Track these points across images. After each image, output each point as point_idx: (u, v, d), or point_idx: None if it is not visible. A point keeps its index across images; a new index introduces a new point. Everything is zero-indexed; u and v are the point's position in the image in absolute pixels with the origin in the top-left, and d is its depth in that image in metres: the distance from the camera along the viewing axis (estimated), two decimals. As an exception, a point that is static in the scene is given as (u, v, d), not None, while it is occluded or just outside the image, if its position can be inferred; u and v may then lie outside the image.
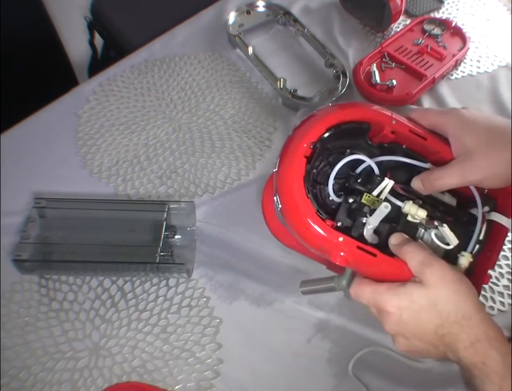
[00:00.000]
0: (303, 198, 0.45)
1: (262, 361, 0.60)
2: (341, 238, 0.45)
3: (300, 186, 0.45)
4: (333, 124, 0.47)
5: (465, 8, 0.99)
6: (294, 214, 0.46)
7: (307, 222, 0.45)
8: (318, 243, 0.46)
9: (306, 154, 0.46)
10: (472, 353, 0.43)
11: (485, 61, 0.90)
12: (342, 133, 0.49)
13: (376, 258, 0.45)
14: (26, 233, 0.65)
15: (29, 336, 0.61)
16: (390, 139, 0.50)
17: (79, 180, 0.74)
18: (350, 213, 0.48)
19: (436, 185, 0.48)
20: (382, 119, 0.49)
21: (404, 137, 0.50)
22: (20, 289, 0.64)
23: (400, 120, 0.50)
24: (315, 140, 0.47)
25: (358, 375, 0.59)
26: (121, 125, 0.80)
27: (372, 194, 0.47)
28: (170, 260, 0.64)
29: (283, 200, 0.46)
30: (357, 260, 0.46)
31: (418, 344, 0.46)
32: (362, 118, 0.49)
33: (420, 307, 0.44)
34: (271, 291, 0.65)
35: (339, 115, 0.48)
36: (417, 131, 0.50)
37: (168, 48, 0.92)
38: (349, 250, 0.45)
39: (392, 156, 0.50)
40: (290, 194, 0.46)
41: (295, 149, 0.47)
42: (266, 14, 0.96)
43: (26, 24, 1.26)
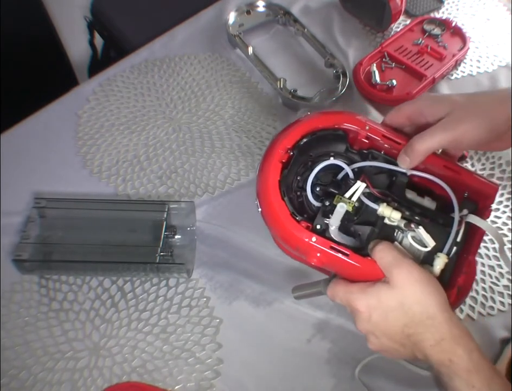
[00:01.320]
0: (278, 200, 0.48)
1: (262, 361, 0.60)
2: (314, 238, 0.47)
3: (275, 189, 0.48)
4: (308, 131, 0.50)
5: (465, 8, 0.99)
6: (271, 216, 0.49)
7: (282, 224, 0.47)
8: (295, 244, 0.48)
9: (282, 159, 0.49)
10: (438, 351, 0.43)
11: (485, 61, 0.90)
12: (321, 140, 0.51)
13: (348, 258, 0.47)
14: (26, 233, 0.65)
15: (29, 336, 0.61)
16: (367, 146, 0.51)
17: (79, 180, 0.74)
18: (325, 215, 0.49)
19: (420, 150, 0.47)
20: (356, 126, 0.50)
21: (379, 143, 0.51)
22: (20, 289, 0.64)
23: (373, 126, 0.51)
24: (290, 147, 0.49)
25: (360, 377, 0.59)
26: (121, 125, 0.80)
27: (344, 196, 0.48)
28: (170, 260, 0.64)
29: (262, 203, 0.49)
30: (331, 261, 0.47)
31: (388, 343, 0.46)
32: (335, 125, 0.50)
33: (387, 306, 0.45)
34: (271, 291, 0.65)
35: (313, 122, 0.51)
36: (389, 136, 0.51)
37: (168, 48, 0.92)
38: (323, 250, 0.46)
39: (368, 162, 0.51)
40: (267, 197, 0.48)
41: (271, 155, 0.49)
42: (266, 14, 0.96)
43: (26, 24, 1.26)
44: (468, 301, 0.64)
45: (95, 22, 1.22)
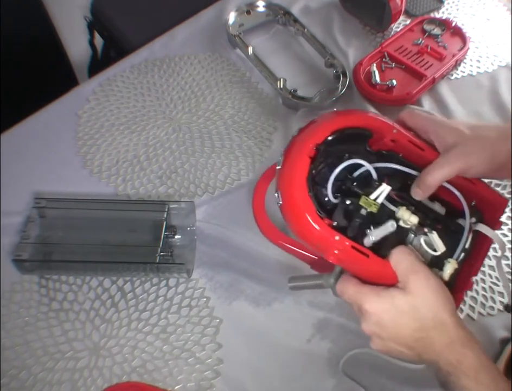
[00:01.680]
0: (305, 196, 0.47)
1: (262, 361, 0.60)
2: (337, 237, 0.47)
3: (303, 184, 0.47)
4: (339, 128, 0.49)
5: (465, 8, 0.99)
6: (294, 211, 0.48)
7: (306, 220, 0.46)
8: (315, 240, 0.48)
9: (311, 154, 0.48)
10: (447, 352, 0.45)
11: (485, 61, 0.90)
12: (344, 138, 0.50)
13: (368, 259, 0.47)
14: (26, 233, 0.65)
15: (29, 336, 0.61)
16: (389, 147, 0.52)
17: (79, 180, 0.74)
18: (346, 214, 0.49)
19: (429, 181, 0.49)
20: (384, 128, 0.51)
21: (402, 146, 0.52)
22: (20, 289, 0.64)
23: (400, 130, 0.51)
24: (320, 142, 0.48)
25: (357, 375, 0.59)
26: (121, 125, 0.80)
27: (370, 198, 0.48)
28: (170, 260, 0.64)
29: (285, 196, 0.48)
30: (349, 259, 0.47)
31: (393, 345, 0.48)
32: (366, 125, 0.51)
33: (399, 311, 0.46)
34: (271, 291, 0.65)
35: (345, 120, 0.50)
36: (415, 142, 0.51)
37: (168, 48, 0.92)
38: (344, 249, 0.47)
39: (389, 163, 0.51)
40: (292, 191, 0.47)
41: (301, 149, 0.48)
42: (266, 14, 0.96)
43: (26, 24, 1.26)
44: (468, 301, 0.64)
45: (95, 22, 1.22)
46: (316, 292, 0.64)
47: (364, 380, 0.59)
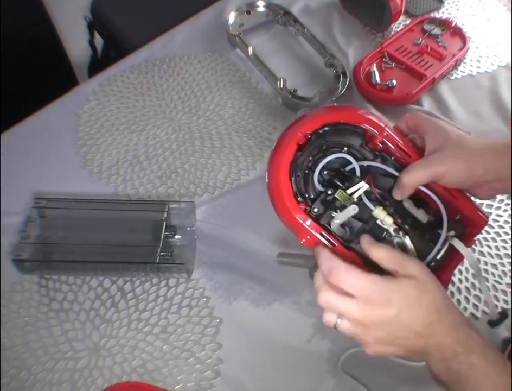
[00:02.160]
0: (285, 180, 0.50)
1: (262, 361, 0.60)
2: (308, 221, 0.50)
3: (286, 168, 0.51)
4: (329, 122, 0.52)
5: (465, 8, 0.99)
6: (275, 192, 0.51)
7: (284, 202, 0.50)
8: (289, 222, 0.51)
9: (299, 142, 0.51)
10: (455, 335, 0.45)
11: (485, 61, 0.90)
12: (340, 131, 0.53)
13: (334, 248, 0.49)
14: (26, 233, 0.65)
15: (29, 336, 0.61)
16: (380, 149, 0.53)
17: (79, 180, 0.74)
18: (325, 203, 0.51)
19: (405, 181, 0.50)
20: (376, 128, 0.52)
21: (392, 150, 0.53)
22: (20, 289, 0.64)
23: (390, 134, 0.53)
24: (310, 132, 0.52)
25: (357, 374, 0.59)
26: (121, 125, 0.81)
27: (346, 192, 0.50)
28: (170, 260, 0.64)
29: (270, 176, 0.52)
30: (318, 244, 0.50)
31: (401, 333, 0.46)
32: (357, 122, 0.53)
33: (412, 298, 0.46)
34: (271, 291, 0.65)
35: (337, 115, 0.53)
36: (403, 148, 0.53)
37: (168, 48, 0.92)
38: (313, 234, 0.50)
39: (376, 163, 0.53)
40: (275, 173, 0.51)
41: (290, 135, 0.52)
42: (266, 14, 0.96)
43: (26, 24, 1.26)
44: (472, 299, 0.64)
45: (95, 22, 1.22)
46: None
47: (364, 378, 0.59)
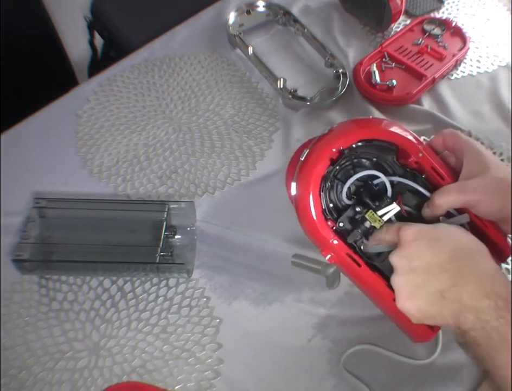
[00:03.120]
0: (315, 195, 0.49)
1: (262, 361, 0.60)
2: (335, 241, 0.49)
3: (317, 184, 0.49)
4: (365, 138, 0.50)
5: (465, 8, 0.99)
6: (303, 206, 0.50)
7: (311, 217, 0.49)
8: (315, 238, 0.50)
9: (333, 156, 0.50)
10: (495, 284, 0.43)
11: (485, 61, 0.90)
12: (371, 147, 0.51)
13: (359, 269, 0.49)
14: (26, 233, 0.65)
15: (29, 336, 0.61)
16: (413, 167, 0.52)
17: (79, 180, 0.74)
18: (352, 220, 0.50)
19: (437, 202, 0.49)
20: (411, 148, 0.51)
21: (425, 170, 0.52)
22: (20, 289, 0.64)
23: (426, 155, 0.51)
24: (344, 148, 0.50)
25: (358, 372, 0.59)
26: (121, 125, 0.80)
27: (377, 213, 0.49)
28: (170, 260, 0.64)
29: (299, 190, 0.51)
30: (342, 264, 0.50)
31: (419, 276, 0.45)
32: (393, 140, 0.51)
33: (440, 235, 0.46)
34: (271, 290, 0.65)
35: (374, 131, 0.51)
36: (437, 169, 0.51)
37: (168, 48, 0.92)
38: (339, 253, 0.49)
39: (408, 181, 0.51)
40: (306, 187, 0.49)
41: (323, 149, 0.50)
42: (266, 14, 0.96)
43: (26, 24, 1.26)
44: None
45: (95, 22, 1.22)
46: (318, 289, 0.64)
47: (365, 377, 0.59)
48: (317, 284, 0.65)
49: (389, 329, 0.61)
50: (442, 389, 0.58)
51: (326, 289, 0.64)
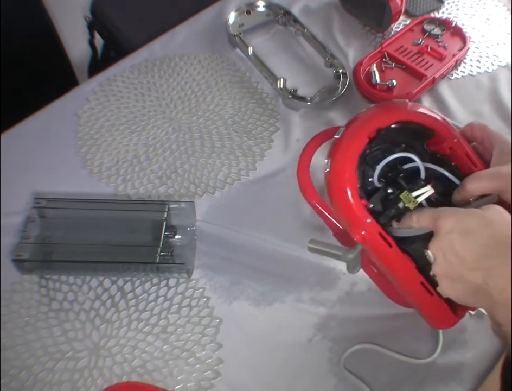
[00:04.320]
0: (352, 172, 0.48)
1: (263, 361, 0.60)
2: (369, 219, 0.48)
3: (354, 161, 0.48)
4: (403, 120, 0.50)
5: (465, 8, 0.99)
6: (337, 182, 0.49)
7: (346, 194, 0.48)
8: (347, 216, 0.49)
9: (371, 135, 0.49)
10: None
11: (485, 61, 0.90)
12: (407, 130, 0.51)
13: (390, 249, 0.48)
14: (26, 233, 0.65)
15: (29, 336, 0.61)
16: (445, 153, 0.52)
17: (79, 180, 0.74)
18: (384, 201, 0.50)
19: (470, 187, 0.49)
20: (446, 134, 0.51)
21: (457, 157, 0.52)
22: (20, 289, 0.64)
23: (460, 141, 0.52)
24: (382, 128, 0.49)
25: (359, 372, 0.59)
26: (121, 125, 0.80)
27: (412, 194, 0.49)
28: (170, 260, 0.64)
29: (334, 166, 0.49)
30: (373, 243, 0.48)
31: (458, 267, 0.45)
32: (431, 125, 0.51)
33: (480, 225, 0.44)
34: (271, 290, 0.65)
35: (413, 113, 0.51)
36: (471, 156, 0.52)
37: (168, 48, 0.92)
38: (371, 232, 0.48)
39: (439, 167, 0.52)
40: (342, 164, 0.48)
41: (362, 127, 0.49)
42: (266, 14, 0.96)
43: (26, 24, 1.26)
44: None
45: (95, 22, 1.22)
46: (318, 289, 0.65)
47: (365, 377, 0.59)
48: (317, 284, 0.65)
49: (389, 329, 0.62)
50: (443, 388, 0.58)
51: (326, 289, 0.65)
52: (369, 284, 0.64)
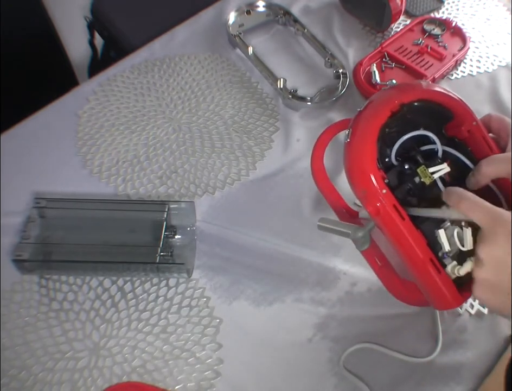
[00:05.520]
0: (372, 142, 0.48)
1: (263, 362, 0.60)
2: (385, 190, 0.48)
3: (375, 132, 0.48)
4: (425, 98, 0.50)
5: (465, 8, 0.99)
6: (357, 152, 0.49)
7: (364, 163, 0.48)
8: (364, 185, 0.49)
9: (393, 109, 0.49)
10: None
11: (485, 61, 0.90)
12: (428, 110, 0.51)
13: (403, 222, 0.48)
14: (26, 233, 0.65)
15: (29, 336, 0.61)
16: (463, 137, 0.53)
17: (79, 180, 0.74)
18: (400, 176, 0.50)
19: (485, 170, 0.49)
20: (467, 116, 0.52)
21: (475, 141, 0.52)
22: (20, 289, 0.64)
23: (479, 124, 0.52)
24: (405, 102, 0.49)
25: (359, 372, 0.59)
26: (121, 125, 0.80)
27: (428, 170, 0.49)
28: (170, 260, 0.64)
29: (354, 136, 0.50)
30: (386, 216, 0.48)
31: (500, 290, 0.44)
32: (452, 106, 0.51)
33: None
34: (271, 290, 0.65)
35: (435, 92, 0.51)
36: (488, 140, 0.52)
37: (168, 48, 0.92)
38: (386, 203, 0.48)
39: (456, 151, 0.52)
40: (363, 134, 0.49)
41: (386, 100, 0.50)
42: (266, 14, 0.96)
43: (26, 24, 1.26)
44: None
45: (95, 22, 1.22)
46: (317, 289, 0.65)
47: (365, 377, 0.59)
48: (317, 284, 0.65)
49: (389, 329, 0.62)
50: (442, 387, 0.58)
51: (326, 289, 0.65)
52: (369, 284, 0.65)
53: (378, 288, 0.59)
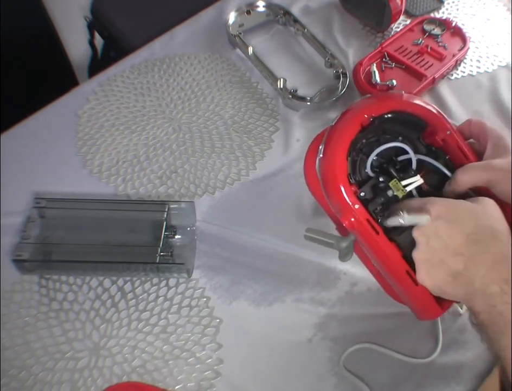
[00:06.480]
0: (342, 158, 0.49)
1: (263, 361, 0.60)
2: (357, 205, 0.48)
3: (345, 147, 0.49)
4: (397, 109, 0.51)
5: (465, 8, 0.99)
6: (328, 168, 0.50)
7: (335, 180, 0.49)
8: (337, 201, 0.50)
9: (364, 123, 0.50)
10: (502, 269, 0.44)
11: (485, 61, 0.90)
12: (402, 120, 0.52)
13: (377, 236, 0.48)
14: (26, 233, 0.65)
15: (29, 336, 0.61)
16: (438, 145, 0.53)
17: (79, 180, 0.74)
18: (374, 189, 0.51)
19: (461, 179, 0.50)
20: (440, 125, 0.52)
21: (450, 149, 0.53)
22: (20, 289, 0.64)
23: (453, 133, 0.52)
24: (376, 116, 0.50)
25: (358, 372, 0.59)
26: (121, 125, 0.80)
27: (401, 183, 0.50)
28: (170, 260, 0.64)
29: (326, 152, 0.50)
30: (361, 231, 0.49)
31: (438, 254, 0.45)
32: (424, 115, 0.52)
33: (460, 213, 0.46)
34: (271, 290, 0.65)
35: (406, 103, 0.51)
36: (463, 149, 0.52)
37: (168, 48, 0.92)
38: (359, 218, 0.48)
39: (430, 159, 0.52)
40: (333, 150, 0.49)
41: (355, 114, 0.50)
42: (266, 14, 0.96)
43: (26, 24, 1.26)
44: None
45: (95, 22, 1.22)
46: (317, 289, 0.65)
47: (365, 377, 0.59)
48: (317, 284, 0.65)
49: (389, 328, 0.62)
50: (443, 388, 0.58)
51: (326, 289, 0.65)
52: (369, 284, 0.65)
53: (378, 288, 0.59)
